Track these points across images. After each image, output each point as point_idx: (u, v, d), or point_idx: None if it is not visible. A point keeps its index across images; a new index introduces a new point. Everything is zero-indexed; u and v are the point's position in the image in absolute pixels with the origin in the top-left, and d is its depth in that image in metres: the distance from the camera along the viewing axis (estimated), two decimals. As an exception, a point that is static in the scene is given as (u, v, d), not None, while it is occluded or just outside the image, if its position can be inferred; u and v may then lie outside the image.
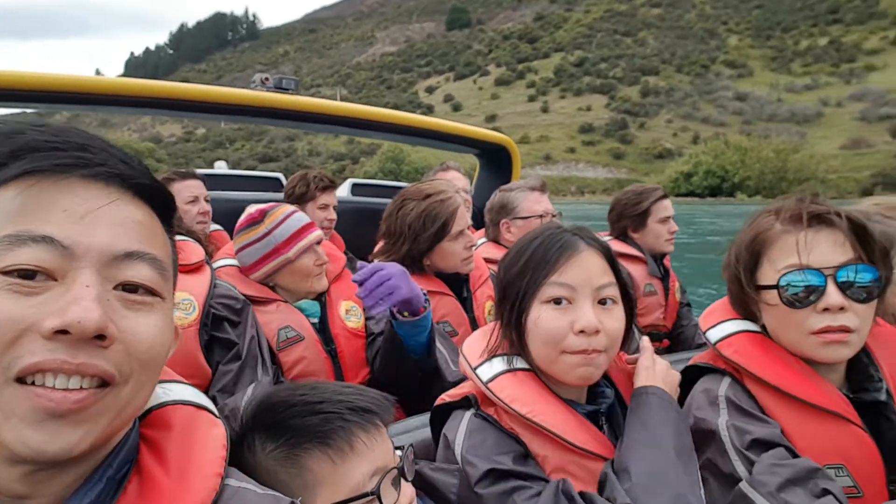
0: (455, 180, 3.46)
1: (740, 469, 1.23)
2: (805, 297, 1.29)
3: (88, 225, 0.68)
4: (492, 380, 1.27)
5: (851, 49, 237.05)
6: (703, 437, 1.32)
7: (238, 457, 0.95)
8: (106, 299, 0.68)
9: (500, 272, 1.36)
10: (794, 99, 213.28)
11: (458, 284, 2.49)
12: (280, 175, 6.00)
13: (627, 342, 1.32)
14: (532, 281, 1.26)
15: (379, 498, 1.01)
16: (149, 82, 2.66)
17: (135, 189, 0.74)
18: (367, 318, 2.32)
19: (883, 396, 1.33)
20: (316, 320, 2.25)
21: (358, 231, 2.24)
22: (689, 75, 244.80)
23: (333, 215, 3.53)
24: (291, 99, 2.89)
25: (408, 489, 1.09)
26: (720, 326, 1.47)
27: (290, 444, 0.99)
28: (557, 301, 1.24)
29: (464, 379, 1.64)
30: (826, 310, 1.27)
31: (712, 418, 1.32)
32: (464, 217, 2.39)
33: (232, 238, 2.34)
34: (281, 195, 3.49)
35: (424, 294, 1.97)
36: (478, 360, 1.34)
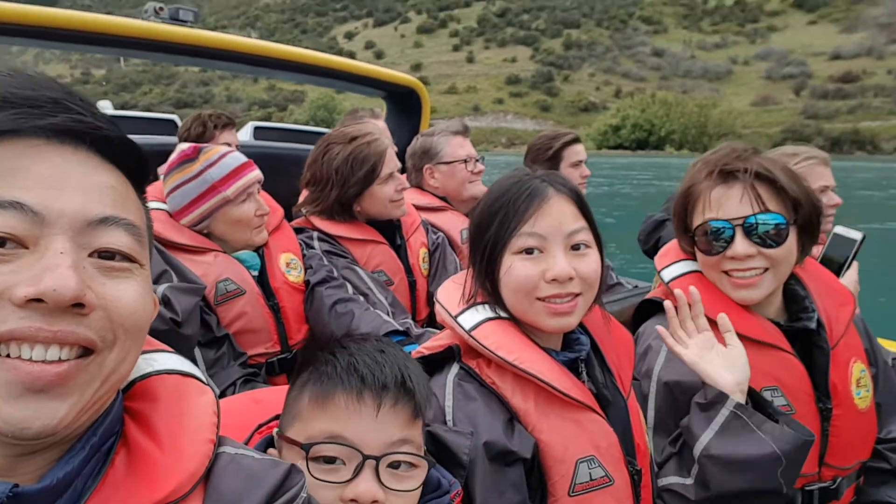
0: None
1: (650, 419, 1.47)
2: (717, 246, 1.48)
3: (60, 189, 0.63)
4: (475, 328, 1.24)
5: (754, 10, 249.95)
6: (641, 368, 1.53)
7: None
8: (82, 266, 0.63)
9: (471, 222, 1.33)
10: (706, 56, 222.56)
11: (391, 232, 2.40)
12: (175, 117, 5.45)
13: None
14: (502, 232, 1.23)
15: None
16: (9, 5, 2.22)
17: (108, 153, 0.69)
18: (305, 269, 2.19)
19: (813, 325, 1.51)
20: (256, 273, 2.09)
21: (266, 179, 2.11)
22: (609, 30, 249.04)
23: None
24: (187, 32, 2.60)
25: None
26: (672, 267, 1.64)
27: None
28: (529, 251, 1.21)
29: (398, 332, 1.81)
30: (734, 258, 1.45)
31: (652, 357, 1.52)
32: (393, 159, 2.30)
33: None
34: (175, 139, 3.14)
35: None
36: (457, 309, 1.30)
